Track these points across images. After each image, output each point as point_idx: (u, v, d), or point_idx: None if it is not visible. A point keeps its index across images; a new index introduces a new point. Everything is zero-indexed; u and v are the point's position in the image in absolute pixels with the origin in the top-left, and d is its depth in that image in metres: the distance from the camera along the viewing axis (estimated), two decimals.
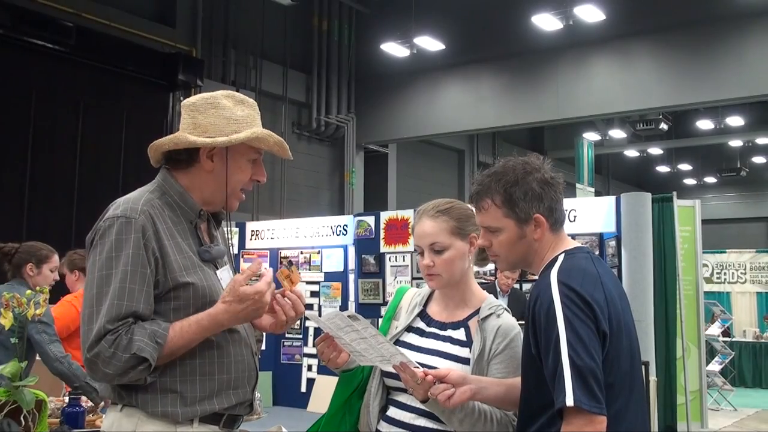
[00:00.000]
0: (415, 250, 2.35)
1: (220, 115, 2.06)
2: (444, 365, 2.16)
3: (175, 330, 1.91)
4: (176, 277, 1.96)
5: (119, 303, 1.86)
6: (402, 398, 2.22)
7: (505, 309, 2.28)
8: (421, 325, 2.32)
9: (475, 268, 2.40)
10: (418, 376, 2.01)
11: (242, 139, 2.04)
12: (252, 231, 10.39)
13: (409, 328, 2.32)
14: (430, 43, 14.54)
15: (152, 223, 1.96)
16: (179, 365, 1.94)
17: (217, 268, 2.12)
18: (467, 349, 2.21)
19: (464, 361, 2.19)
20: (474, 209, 2.12)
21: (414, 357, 2.17)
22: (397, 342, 2.28)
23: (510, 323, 2.23)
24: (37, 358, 4.05)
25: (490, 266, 7.39)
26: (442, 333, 2.27)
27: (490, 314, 2.23)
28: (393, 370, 2.08)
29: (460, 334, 2.25)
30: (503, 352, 2.17)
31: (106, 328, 1.84)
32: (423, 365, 2.13)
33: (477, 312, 2.26)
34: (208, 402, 1.97)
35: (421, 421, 2.17)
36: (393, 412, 2.24)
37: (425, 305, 2.36)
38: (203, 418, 1.97)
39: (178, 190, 2.06)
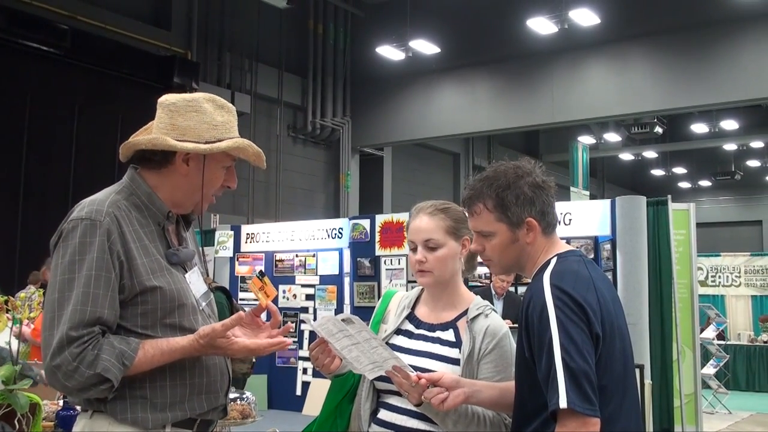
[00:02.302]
0: (409, 247, 2.36)
1: (201, 120, 2.01)
2: (434, 366, 2.17)
3: (146, 354, 1.86)
4: (143, 281, 1.90)
5: (83, 309, 1.80)
6: (393, 401, 2.23)
7: (493, 309, 2.29)
8: (409, 327, 2.33)
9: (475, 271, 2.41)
10: (412, 380, 2.02)
11: (224, 148, 2.00)
12: (247, 234, 10.38)
13: (398, 331, 2.33)
14: (425, 47, 14.57)
15: (118, 225, 1.90)
16: (149, 371, 1.90)
17: (186, 271, 2.07)
18: (457, 350, 2.22)
19: (454, 361, 2.20)
20: (467, 214, 2.13)
21: (404, 359, 2.18)
22: (386, 345, 2.29)
23: (498, 323, 2.24)
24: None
25: (485, 269, 7.41)
26: (430, 335, 2.28)
27: (479, 314, 2.25)
28: (386, 376, 2.08)
29: (449, 335, 2.26)
30: (492, 352, 2.19)
31: (70, 335, 1.78)
32: (413, 367, 2.14)
33: (465, 313, 2.27)
34: (180, 407, 1.94)
35: (413, 423, 2.18)
36: (384, 414, 2.24)
37: (413, 308, 2.37)
38: (175, 424, 1.94)
39: (146, 191, 2.01)
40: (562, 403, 1.75)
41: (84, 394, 1.83)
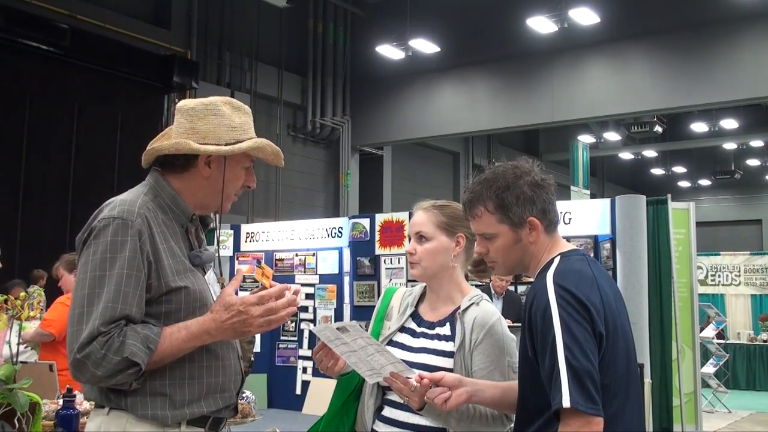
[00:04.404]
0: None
1: (220, 122, 2.06)
2: (432, 361, 2.21)
3: (165, 336, 1.91)
4: (169, 281, 1.95)
5: (114, 306, 1.85)
6: (397, 397, 2.23)
7: (485, 299, 2.32)
8: (412, 325, 2.36)
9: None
10: (412, 384, 2.02)
11: (245, 148, 2.06)
12: (247, 233, 10.38)
13: (402, 329, 2.37)
14: (425, 46, 14.57)
15: (148, 226, 1.95)
16: (169, 369, 1.94)
17: (205, 272, 2.13)
18: (452, 343, 2.25)
19: (450, 354, 2.23)
20: (468, 217, 2.13)
21: (406, 356, 2.22)
22: (390, 342, 2.32)
23: (488, 312, 2.27)
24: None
25: None
26: (431, 332, 2.32)
27: (470, 305, 2.28)
28: (384, 383, 2.10)
29: (445, 329, 2.29)
30: (483, 342, 2.21)
31: (100, 330, 1.83)
32: (415, 363, 2.17)
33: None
34: (196, 405, 1.98)
35: (417, 419, 2.20)
36: (388, 411, 2.27)
37: (417, 306, 2.41)
38: (190, 421, 1.98)
39: (171, 194, 2.06)
40: (566, 403, 1.74)
41: (112, 380, 1.86)
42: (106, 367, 1.83)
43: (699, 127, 20.99)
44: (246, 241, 10.34)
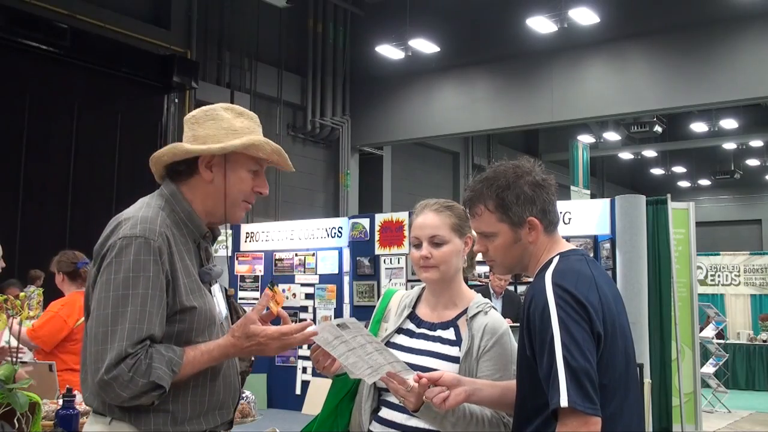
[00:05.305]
0: (411, 243, 2.36)
1: (219, 126, 2.06)
2: (435, 365, 2.19)
3: (188, 358, 1.93)
4: (183, 300, 1.96)
5: (140, 327, 1.86)
6: (394, 398, 2.22)
7: (493, 307, 2.31)
8: (410, 326, 2.34)
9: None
10: (409, 383, 2.01)
11: (237, 145, 2.02)
12: (247, 233, 10.38)
13: (399, 330, 2.35)
14: (424, 46, 14.57)
15: (168, 245, 1.95)
16: (173, 387, 1.95)
17: (211, 286, 2.13)
18: (457, 348, 2.23)
19: (454, 359, 2.21)
20: (468, 215, 2.13)
21: (405, 357, 2.19)
22: (387, 344, 2.30)
23: (497, 320, 2.26)
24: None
25: (484, 268, 7.41)
26: (431, 333, 2.30)
27: (478, 312, 2.26)
28: (381, 383, 2.09)
29: (449, 333, 2.27)
30: (492, 350, 2.20)
31: (127, 351, 1.84)
32: (414, 365, 2.14)
33: (466, 311, 2.29)
34: (196, 422, 2.00)
35: (414, 421, 2.18)
36: (385, 412, 2.26)
37: (414, 307, 2.39)
38: None
39: (187, 210, 2.05)
40: (563, 402, 1.75)
41: (136, 401, 1.88)
42: (133, 390, 1.84)
43: (698, 127, 21.00)
44: (246, 241, 10.33)
